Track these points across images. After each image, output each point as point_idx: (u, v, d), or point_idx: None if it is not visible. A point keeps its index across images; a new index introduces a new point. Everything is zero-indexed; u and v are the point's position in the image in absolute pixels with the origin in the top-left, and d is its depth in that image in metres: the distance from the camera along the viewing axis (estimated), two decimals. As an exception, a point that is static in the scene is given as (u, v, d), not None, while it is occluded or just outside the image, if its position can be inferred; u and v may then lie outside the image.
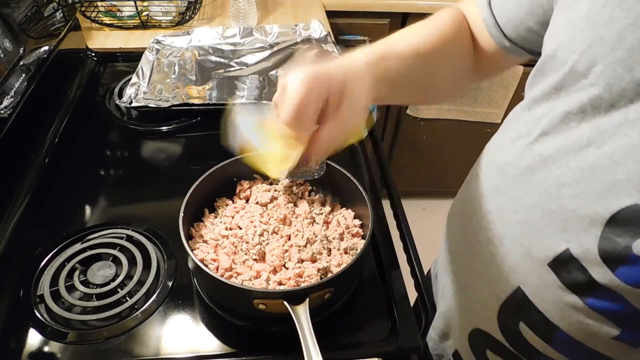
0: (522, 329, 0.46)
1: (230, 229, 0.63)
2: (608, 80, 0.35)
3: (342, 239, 0.61)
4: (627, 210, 0.34)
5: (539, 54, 0.49)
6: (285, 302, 0.50)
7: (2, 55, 0.71)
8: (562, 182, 0.39)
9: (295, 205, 0.67)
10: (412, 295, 0.63)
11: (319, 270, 0.57)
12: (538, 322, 0.44)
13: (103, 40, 1.18)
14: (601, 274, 0.37)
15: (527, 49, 0.51)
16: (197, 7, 1.25)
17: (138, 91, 0.95)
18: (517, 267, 0.45)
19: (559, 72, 0.40)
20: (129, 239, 0.68)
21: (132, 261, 0.64)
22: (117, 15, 1.23)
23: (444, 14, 0.57)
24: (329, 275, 0.56)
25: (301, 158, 0.48)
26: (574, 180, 0.38)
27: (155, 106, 0.92)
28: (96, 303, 0.59)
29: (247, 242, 0.60)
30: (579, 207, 0.38)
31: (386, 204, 0.73)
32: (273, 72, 1.03)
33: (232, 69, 1.04)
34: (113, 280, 0.62)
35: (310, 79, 0.42)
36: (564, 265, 0.40)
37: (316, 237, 0.61)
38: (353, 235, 0.62)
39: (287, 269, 0.58)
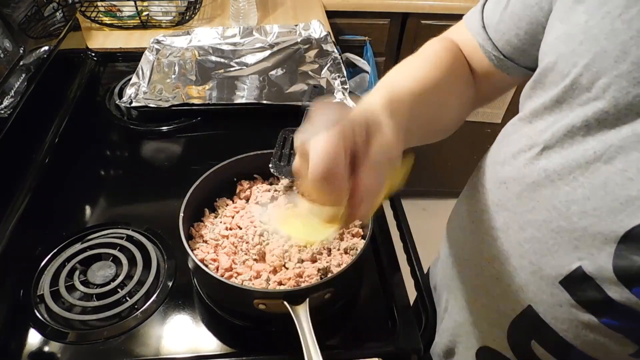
0: (535, 347, 0.45)
1: (230, 229, 0.63)
2: (614, 94, 0.34)
3: (342, 239, 0.61)
4: None
5: None
6: (285, 302, 0.50)
7: (2, 55, 0.71)
8: (571, 199, 0.38)
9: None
10: (412, 295, 0.63)
11: (319, 270, 0.57)
12: (551, 341, 0.43)
13: (103, 40, 1.18)
14: (618, 292, 0.36)
15: (529, 67, 0.49)
16: (197, 7, 1.25)
17: (138, 91, 0.95)
18: (526, 285, 0.43)
19: (559, 85, 0.39)
20: (129, 239, 0.68)
21: (132, 261, 0.64)
22: (117, 15, 1.23)
23: (435, 45, 0.54)
24: (329, 275, 0.56)
25: (347, 216, 0.41)
26: (584, 197, 0.37)
27: (155, 106, 0.92)
28: (96, 303, 0.59)
29: (247, 242, 0.60)
30: (591, 225, 0.36)
31: (386, 204, 0.73)
32: (273, 72, 1.03)
33: (232, 69, 1.04)
34: (113, 280, 0.62)
35: (333, 132, 0.36)
36: (577, 283, 0.39)
37: (316, 237, 0.61)
38: (353, 235, 0.62)
39: (287, 269, 0.58)
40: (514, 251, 0.44)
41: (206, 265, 0.54)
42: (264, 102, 0.94)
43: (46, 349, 0.56)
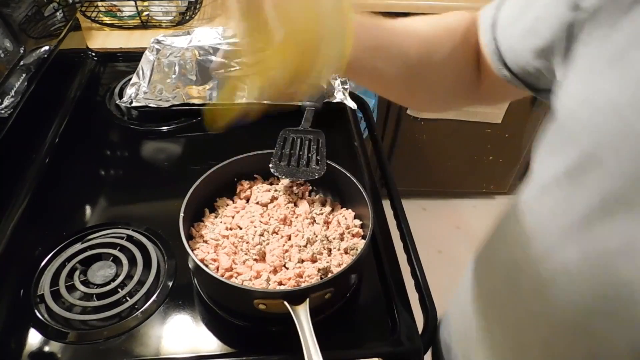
0: None
1: (231, 229, 0.63)
2: (633, 171, 0.31)
3: (342, 239, 0.61)
4: None
5: (541, 91, 0.45)
6: (285, 302, 0.50)
7: (2, 55, 0.71)
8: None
9: (296, 205, 0.67)
10: (413, 295, 0.63)
11: (319, 270, 0.57)
12: None
13: (103, 40, 1.18)
14: None
15: (527, 84, 0.46)
16: (198, 7, 1.25)
17: (138, 91, 0.95)
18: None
19: (573, 154, 0.36)
20: (129, 239, 0.68)
21: (132, 261, 0.64)
22: (118, 15, 1.23)
23: (459, 16, 0.51)
24: (329, 275, 0.56)
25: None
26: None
27: (155, 106, 0.92)
28: (96, 303, 0.59)
29: (247, 242, 0.60)
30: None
31: (386, 204, 0.73)
32: (273, 72, 1.03)
33: (232, 69, 1.04)
34: (113, 280, 0.62)
35: None
36: None
37: (316, 237, 0.61)
38: (353, 235, 0.62)
39: (287, 269, 0.58)
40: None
41: (206, 265, 0.54)
42: (264, 102, 0.94)
43: (46, 349, 0.56)
